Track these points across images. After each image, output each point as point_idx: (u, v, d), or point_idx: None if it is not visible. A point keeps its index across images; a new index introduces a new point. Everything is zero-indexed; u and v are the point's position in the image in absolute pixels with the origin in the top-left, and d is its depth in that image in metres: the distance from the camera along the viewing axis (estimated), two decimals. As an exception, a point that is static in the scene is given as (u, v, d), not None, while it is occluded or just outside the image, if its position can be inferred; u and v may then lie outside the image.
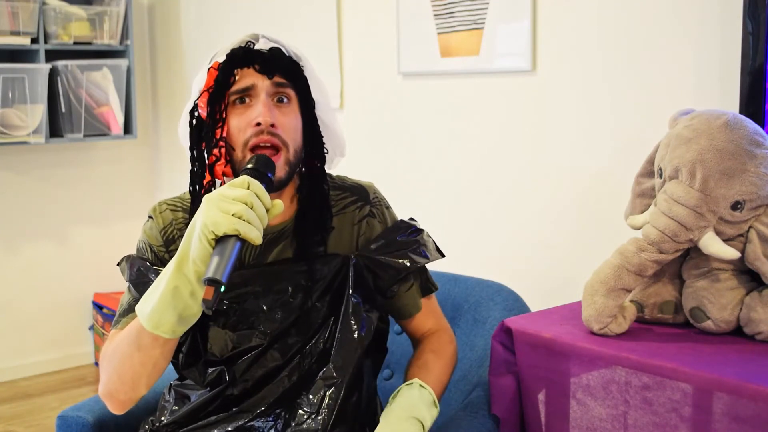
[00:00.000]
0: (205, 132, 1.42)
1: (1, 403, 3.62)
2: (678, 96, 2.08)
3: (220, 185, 1.41)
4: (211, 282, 1.16)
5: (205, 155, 1.43)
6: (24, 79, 3.59)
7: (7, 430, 3.34)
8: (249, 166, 1.33)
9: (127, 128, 3.91)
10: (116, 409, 1.41)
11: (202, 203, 1.23)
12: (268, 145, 1.39)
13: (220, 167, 1.39)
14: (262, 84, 1.40)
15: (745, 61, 1.75)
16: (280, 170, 1.39)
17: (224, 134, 1.39)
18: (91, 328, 4.12)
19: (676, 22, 2.08)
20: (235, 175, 1.41)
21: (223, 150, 1.39)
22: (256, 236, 1.21)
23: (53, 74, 3.67)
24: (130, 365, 1.34)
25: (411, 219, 1.58)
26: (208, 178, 1.41)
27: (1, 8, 3.51)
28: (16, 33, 3.56)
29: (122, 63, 3.84)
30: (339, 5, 3.07)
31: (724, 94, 1.97)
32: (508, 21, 2.46)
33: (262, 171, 1.32)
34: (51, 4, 3.65)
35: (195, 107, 1.45)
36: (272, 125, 1.38)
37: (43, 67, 3.61)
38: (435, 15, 2.67)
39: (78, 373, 4.03)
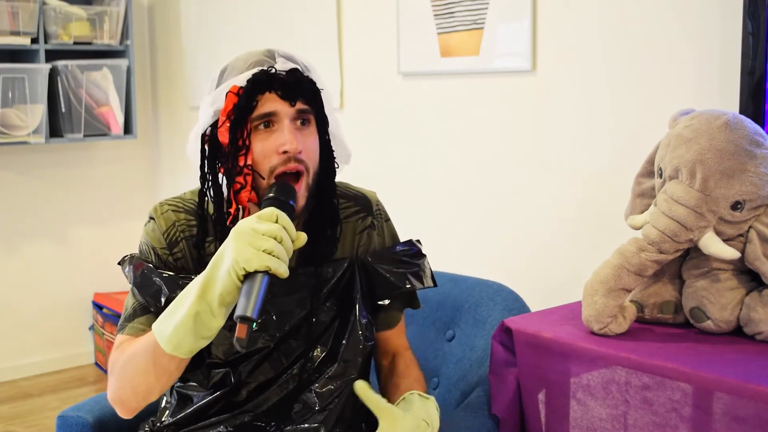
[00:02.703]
0: (226, 158, 1.39)
1: (1, 403, 3.62)
2: (678, 96, 2.08)
3: (244, 211, 1.40)
4: (244, 320, 1.15)
5: (223, 180, 1.41)
6: (24, 79, 3.59)
7: (7, 430, 3.34)
8: (270, 195, 1.32)
9: (127, 128, 3.91)
10: (125, 415, 1.42)
11: (231, 236, 1.22)
12: (294, 172, 1.37)
13: (245, 194, 1.37)
14: (286, 110, 1.38)
15: (745, 61, 1.75)
16: (301, 198, 1.38)
17: (249, 161, 1.37)
18: (91, 328, 4.12)
19: (676, 22, 2.08)
20: (259, 200, 1.39)
21: (249, 178, 1.37)
22: (284, 271, 1.21)
23: (53, 74, 3.67)
24: (144, 379, 1.33)
25: (418, 241, 1.58)
26: (234, 206, 1.38)
27: (1, 8, 3.51)
28: (16, 33, 3.56)
29: (122, 63, 3.84)
30: (339, 5, 3.07)
31: (724, 94, 1.97)
32: (508, 21, 2.46)
33: (283, 200, 1.31)
34: (51, 4, 3.65)
35: (210, 130, 1.42)
36: (299, 152, 1.37)
37: (43, 67, 3.61)
38: (435, 15, 2.67)
39: (78, 373, 4.03)
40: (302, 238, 1.27)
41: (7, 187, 3.87)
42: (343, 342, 1.46)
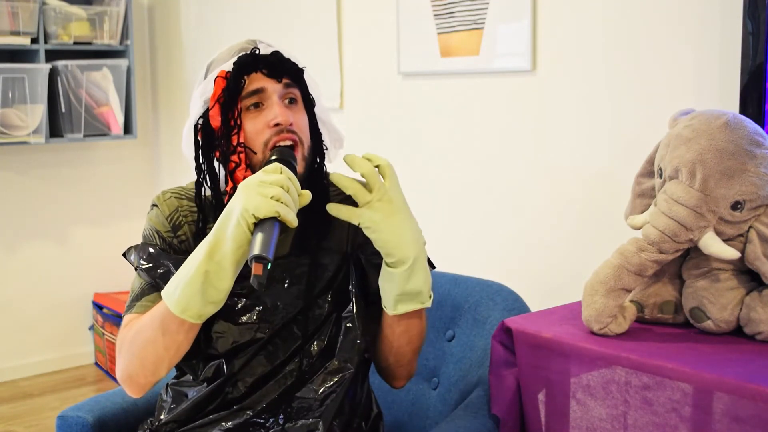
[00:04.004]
0: (219, 140, 1.42)
1: (1, 403, 3.62)
2: (678, 96, 2.08)
3: None
4: (259, 259, 1.19)
5: (219, 163, 1.45)
6: (24, 79, 3.59)
7: (7, 430, 3.34)
8: (273, 157, 1.36)
9: (127, 128, 3.91)
10: (135, 393, 1.43)
11: (239, 190, 1.27)
12: (289, 142, 1.42)
13: (240, 172, 1.41)
14: (273, 87, 1.43)
15: (745, 61, 1.75)
16: (299, 166, 1.42)
17: (242, 140, 1.41)
18: (91, 328, 4.12)
19: (676, 22, 2.08)
20: None
21: (242, 156, 1.41)
22: (293, 218, 1.25)
23: (53, 74, 3.68)
24: (153, 350, 1.36)
25: None
26: (230, 185, 1.42)
27: (1, 8, 3.51)
28: (16, 33, 3.56)
29: (122, 63, 3.84)
30: (339, 5, 3.07)
31: (724, 94, 1.97)
32: (508, 21, 2.46)
33: (287, 160, 1.36)
34: (51, 4, 3.65)
35: (202, 117, 1.46)
36: (290, 124, 1.42)
37: (43, 67, 3.61)
38: (435, 15, 2.67)
39: (78, 373, 4.03)
40: (306, 195, 1.31)
41: (7, 187, 3.87)
42: (340, 336, 1.47)
